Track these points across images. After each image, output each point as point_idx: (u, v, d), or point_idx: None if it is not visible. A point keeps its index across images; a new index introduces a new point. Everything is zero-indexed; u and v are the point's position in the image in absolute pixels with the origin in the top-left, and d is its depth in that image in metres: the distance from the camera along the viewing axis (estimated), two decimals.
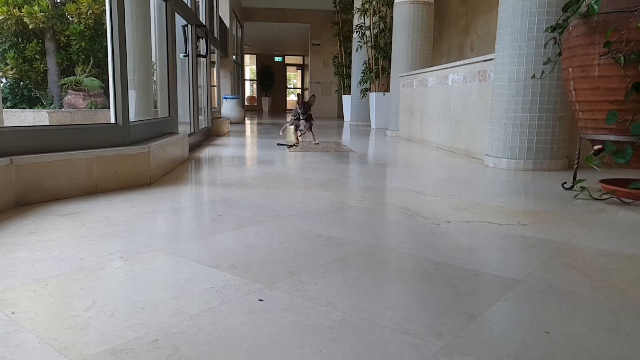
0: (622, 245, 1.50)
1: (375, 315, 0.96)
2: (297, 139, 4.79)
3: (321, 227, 1.64)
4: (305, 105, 4.76)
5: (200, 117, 4.85)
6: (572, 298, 1.07)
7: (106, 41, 2.33)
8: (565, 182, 2.49)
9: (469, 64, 4.05)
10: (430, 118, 5.05)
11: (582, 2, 2.30)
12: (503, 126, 3.23)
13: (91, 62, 5.09)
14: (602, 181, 2.38)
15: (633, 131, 2.09)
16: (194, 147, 4.24)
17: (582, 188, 2.31)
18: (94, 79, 5.08)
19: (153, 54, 3.41)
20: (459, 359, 0.80)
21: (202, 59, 4.97)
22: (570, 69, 2.38)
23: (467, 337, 0.88)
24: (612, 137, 2.21)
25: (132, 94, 2.56)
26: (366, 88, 8.64)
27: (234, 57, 9.74)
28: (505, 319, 0.96)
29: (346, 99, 10.30)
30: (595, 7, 2.12)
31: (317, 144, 4.70)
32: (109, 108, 2.39)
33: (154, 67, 3.47)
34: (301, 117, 4.73)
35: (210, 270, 1.21)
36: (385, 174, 3.06)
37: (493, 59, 3.43)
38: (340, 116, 12.75)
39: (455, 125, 4.35)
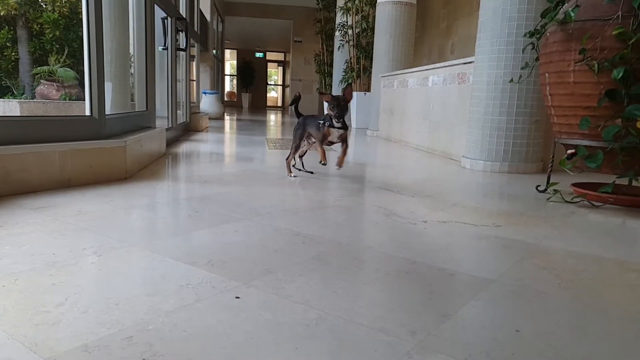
0: (590, 247, 1.55)
1: (351, 313, 0.97)
2: (324, 156, 2.58)
3: (299, 226, 1.64)
4: (340, 104, 2.50)
5: (178, 111, 4.78)
6: (543, 298, 1.10)
7: (82, 31, 2.27)
8: (539, 185, 2.55)
9: (449, 66, 4.10)
10: (410, 119, 5.10)
11: (560, 9, 2.35)
12: (480, 129, 3.29)
13: (66, 52, 4.97)
14: (574, 185, 2.44)
15: (604, 137, 2.15)
16: (172, 142, 4.18)
17: (555, 191, 2.36)
18: (69, 69, 4.96)
19: (131, 46, 3.35)
20: (431, 357, 0.81)
21: (182, 53, 4.90)
22: (546, 74, 2.43)
23: (441, 335, 0.89)
24: (585, 142, 2.27)
25: (108, 86, 2.51)
26: None
27: (214, 51, 9.65)
28: (478, 317, 0.98)
29: None
30: (572, 14, 2.17)
31: (339, 168, 2.69)
32: (84, 100, 2.34)
33: (132, 59, 3.41)
34: (335, 123, 2.53)
35: (187, 267, 1.20)
36: (364, 174, 3.08)
37: (473, 62, 3.48)
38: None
39: (434, 127, 4.40)
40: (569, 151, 2.36)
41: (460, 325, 0.94)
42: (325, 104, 2.56)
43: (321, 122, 2.56)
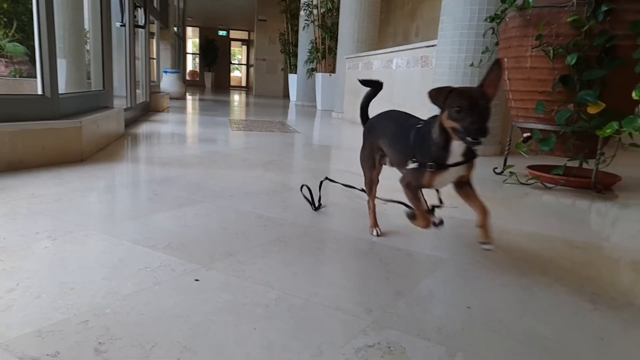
0: (541, 227, 1.62)
1: (310, 293, 0.99)
2: (421, 211, 1.26)
3: (261, 208, 1.64)
4: (479, 106, 1.04)
5: (137, 91, 4.64)
6: (493, 275, 1.15)
7: (31, 3, 2.16)
8: (497, 167, 2.64)
9: (412, 49, 4.13)
10: (374, 101, 5.13)
11: None
12: None
13: (14, 25, 4.70)
14: (529, 167, 2.54)
15: (557, 121, 2.24)
16: (131, 123, 4.06)
17: (511, 173, 2.45)
18: (18, 44, 4.70)
19: (86, 21, 3.21)
20: (386, 333, 0.84)
21: (140, 30, 4.73)
22: (505, 59, 2.49)
23: (395, 313, 0.92)
24: (540, 126, 2.36)
25: (61, 64, 2.41)
26: (313, 68, 8.61)
27: (175, 29, 9.36)
28: (432, 295, 1.02)
29: (292, 78, 10.22)
30: (530, 0, 2.23)
31: (487, 246, 1.15)
32: (36, 77, 2.24)
33: (87, 35, 3.27)
34: (455, 147, 1.12)
35: (145, 251, 1.19)
36: (328, 156, 3.10)
37: (435, 45, 3.52)
38: (286, 95, 12.65)
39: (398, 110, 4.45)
40: (525, 134, 2.44)
41: (415, 302, 0.97)
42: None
43: (418, 129, 1.21)
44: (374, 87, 1.47)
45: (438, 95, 1.10)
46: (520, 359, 0.79)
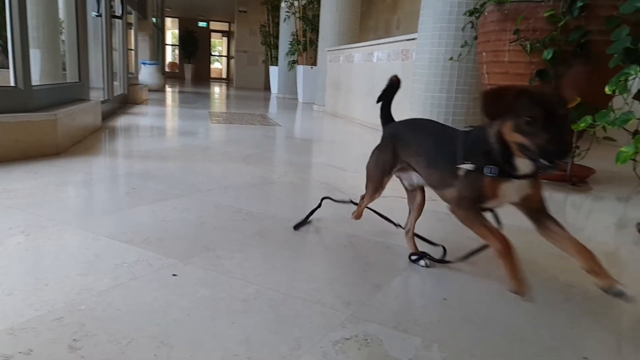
0: (517, 219, 1.64)
1: (289, 287, 0.99)
2: (494, 238, 0.96)
3: (241, 202, 1.63)
4: (558, 117, 0.80)
5: (115, 83, 4.55)
6: (470, 268, 1.17)
7: None
8: None
9: (393, 42, 4.14)
10: (356, 95, 5.14)
11: None
12: (422, 105, 3.37)
13: None
14: None
15: None
16: (108, 116, 3.99)
17: None
18: None
19: (60, 11, 3.13)
20: (363, 326, 0.85)
21: (117, 20, 4.64)
22: (484, 53, 2.52)
23: (373, 305, 0.93)
24: None
25: (35, 54, 2.34)
26: (294, 60, 8.57)
27: (153, 19, 9.20)
28: (409, 287, 1.03)
29: (273, 70, 10.15)
30: None
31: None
32: (8, 68, 2.17)
33: (62, 25, 3.19)
34: (546, 161, 0.81)
35: (122, 246, 1.17)
36: (309, 150, 3.09)
37: (416, 38, 3.53)
38: (267, 88, 12.57)
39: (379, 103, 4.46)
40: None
41: (393, 294, 0.99)
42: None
43: (466, 135, 1.02)
44: (391, 89, 1.30)
45: (500, 98, 0.84)
46: (494, 348, 0.81)
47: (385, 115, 1.29)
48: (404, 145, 1.16)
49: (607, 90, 1.82)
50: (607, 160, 2.88)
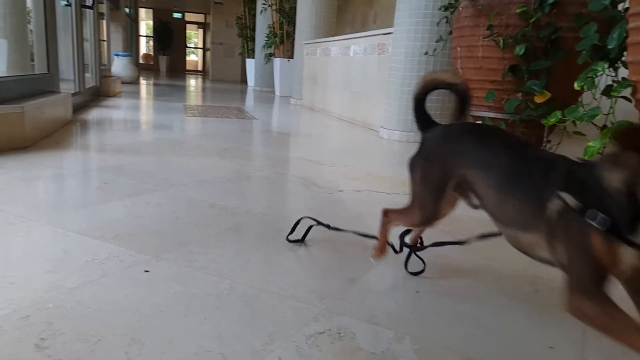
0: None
1: (263, 282, 0.99)
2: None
3: (215, 197, 1.62)
4: None
5: (86, 74, 4.44)
6: (442, 260, 1.19)
7: None
8: None
9: (369, 36, 4.15)
10: (332, 88, 5.13)
11: None
12: (397, 99, 3.39)
13: None
14: None
15: (507, 109, 2.31)
16: (80, 108, 3.89)
17: None
18: None
19: (28, 0, 3.02)
20: (337, 320, 0.86)
21: (88, 10, 4.51)
22: (458, 48, 2.55)
23: (347, 299, 0.94)
24: (491, 114, 2.43)
25: (1, 44, 2.27)
26: (270, 53, 8.50)
27: (126, 10, 8.99)
28: (383, 280, 1.04)
29: (250, 63, 10.06)
30: None
31: None
32: None
33: (30, 14, 3.09)
34: None
35: (93, 242, 1.15)
36: (286, 144, 3.08)
37: (392, 32, 3.55)
38: (244, 81, 12.45)
39: (355, 97, 4.47)
40: (477, 122, 2.52)
41: (366, 288, 0.99)
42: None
43: (572, 167, 0.73)
44: (427, 89, 1.01)
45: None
46: (463, 340, 0.83)
47: (423, 117, 1.02)
48: (460, 156, 0.88)
49: (575, 86, 1.86)
50: (577, 154, 2.97)
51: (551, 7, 2.10)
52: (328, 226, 1.27)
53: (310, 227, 1.26)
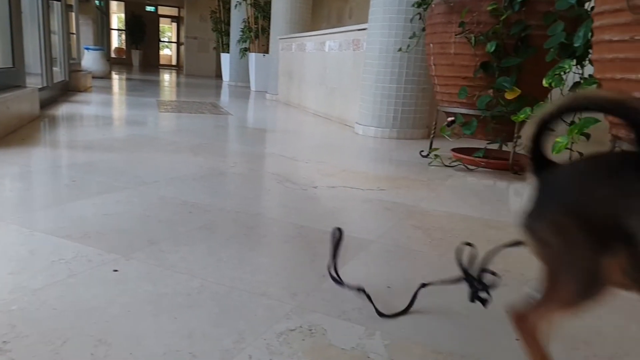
0: (461, 208, 1.71)
1: (235, 280, 0.98)
2: None
3: (188, 194, 1.60)
4: None
5: (55, 68, 4.32)
6: (414, 255, 1.20)
7: None
8: (423, 150, 2.73)
9: (344, 32, 4.15)
10: (308, 84, 5.12)
11: None
12: (372, 96, 3.41)
13: None
14: (453, 150, 2.66)
15: (478, 106, 2.35)
16: (48, 104, 3.78)
17: (436, 156, 2.55)
18: None
19: None
20: (309, 316, 0.86)
21: (56, 2, 4.38)
22: (431, 45, 2.57)
23: (319, 296, 0.94)
24: (463, 110, 2.47)
25: None
26: (245, 48, 8.42)
27: (97, 2, 8.77)
28: (355, 276, 1.04)
29: (225, 58, 9.95)
30: None
31: None
32: None
33: None
34: None
35: (60, 241, 1.12)
36: (261, 140, 3.06)
37: (366, 28, 3.56)
38: (219, 75, 12.30)
39: (331, 93, 4.48)
40: (449, 119, 2.55)
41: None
42: None
43: None
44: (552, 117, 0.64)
45: None
46: (432, 334, 0.84)
47: (540, 154, 0.65)
48: (617, 210, 0.55)
49: (544, 83, 1.91)
50: (547, 149, 3.05)
51: (521, 4, 2.14)
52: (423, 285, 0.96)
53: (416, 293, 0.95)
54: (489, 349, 0.81)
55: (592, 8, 1.59)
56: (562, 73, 1.82)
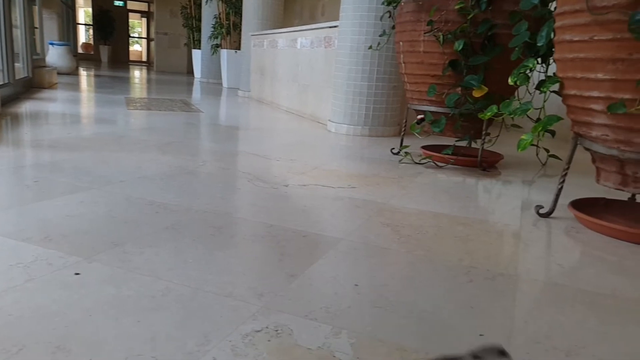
0: (430, 204, 1.73)
1: (200, 281, 0.97)
2: None
3: (155, 194, 1.57)
4: None
5: (17, 64, 4.17)
6: (382, 253, 1.21)
7: None
8: (394, 148, 2.76)
9: (316, 29, 4.14)
10: (280, 81, 5.10)
11: None
12: (344, 93, 3.42)
13: None
14: (423, 147, 2.69)
15: (447, 103, 2.39)
16: (10, 101, 3.65)
17: (406, 153, 2.58)
18: None
19: None
20: (275, 317, 0.85)
21: None
22: (401, 43, 2.59)
23: (286, 296, 0.94)
24: (432, 108, 2.50)
25: None
26: (217, 44, 8.32)
27: None
28: (322, 275, 1.05)
29: (196, 54, 9.81)
30: None
31: None
32: None
33: None
34: None
35: (18, 244, 1.08)
36: (232, 137, 3.03)
37: (338, 26, 3.56)
38: (191, 72, 12.11)
39: (303, 90, 4.46)
40: (419, 116, 2.58)
41: (306, 283, 1.00)
42: None
43: None
44: None
45: None
46: (397, 331, 0.85)
47: None
48: None
49: (509, 81, 1.95)
50: (515, 146, 3.13)
51: (487, 4, 2.17)
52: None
53: None
54: (454, 345, 0.82)
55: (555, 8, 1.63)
56: (526, 71, 1.86)
